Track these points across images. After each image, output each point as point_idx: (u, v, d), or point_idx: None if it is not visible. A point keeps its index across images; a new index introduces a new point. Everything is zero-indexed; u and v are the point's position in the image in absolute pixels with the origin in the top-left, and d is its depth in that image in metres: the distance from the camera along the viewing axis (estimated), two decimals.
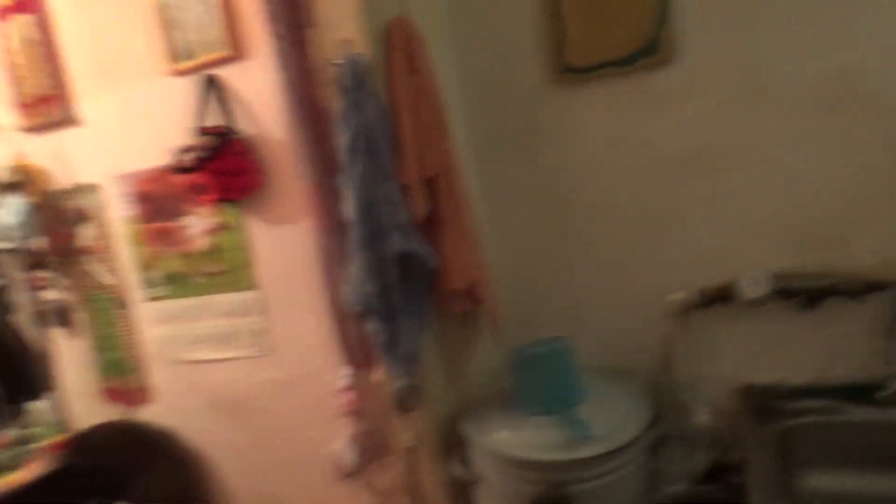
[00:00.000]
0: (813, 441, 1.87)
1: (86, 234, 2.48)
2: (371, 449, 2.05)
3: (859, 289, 1.93)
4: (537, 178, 2.18)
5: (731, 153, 1.99)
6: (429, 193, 1.84)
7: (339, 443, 2.05)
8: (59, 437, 2.49)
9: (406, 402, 1.91)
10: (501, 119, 2.18)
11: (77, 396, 2.71)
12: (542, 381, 1.95)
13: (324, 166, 1.85)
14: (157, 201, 2.30)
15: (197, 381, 2.39)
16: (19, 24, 2.36)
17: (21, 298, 2.62)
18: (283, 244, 2.12)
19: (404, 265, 1.79)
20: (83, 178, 2.44)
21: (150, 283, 2.40)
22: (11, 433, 2.57)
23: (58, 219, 2.49)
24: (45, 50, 2.35)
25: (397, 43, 1.82)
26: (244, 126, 2.07)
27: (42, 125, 2.44)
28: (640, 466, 1.86)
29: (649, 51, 1.99)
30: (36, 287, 2.58)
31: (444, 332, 2.04)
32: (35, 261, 2.52)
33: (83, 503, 2.23)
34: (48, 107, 2.39)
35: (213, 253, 2.24)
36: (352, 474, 2.05)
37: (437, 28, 2.05)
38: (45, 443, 2.50)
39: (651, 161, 2.05)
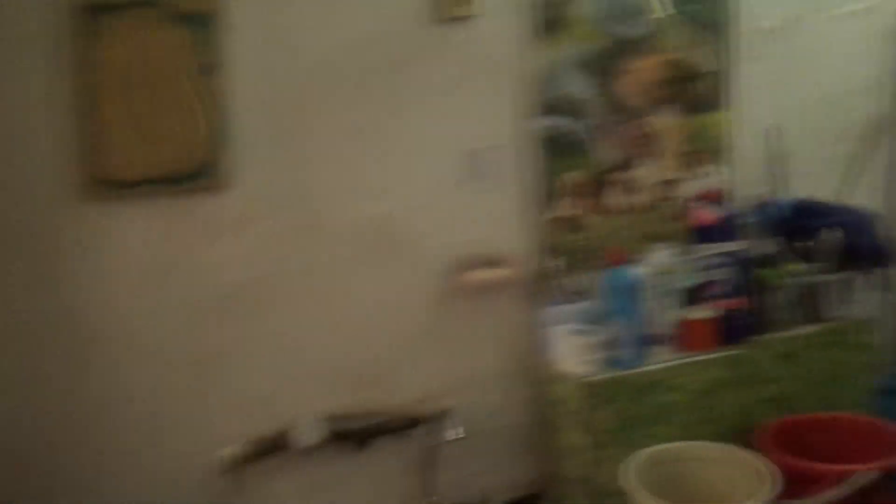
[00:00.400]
0: None
1: None
2: None
3: (402, 426, 2.03)
4: (55, 310, 1.81)
5: (281, 290, 1.96)
6: None
7: None
8: None
9: None
10: (11, 237, 1.76)
11: None
12: None
13: None
14: None
15: None
16: None
17: None
18: None
19: None
20: None
21: None
22: None
23: None
24: None
25: None
26: None
27: None
28: None
29: (203, 174, 1.86)
30: None
31: None
32: None
33: None
34: None
35: None
36: None
37: None
38: None
39: (198, 296, 1.90)
